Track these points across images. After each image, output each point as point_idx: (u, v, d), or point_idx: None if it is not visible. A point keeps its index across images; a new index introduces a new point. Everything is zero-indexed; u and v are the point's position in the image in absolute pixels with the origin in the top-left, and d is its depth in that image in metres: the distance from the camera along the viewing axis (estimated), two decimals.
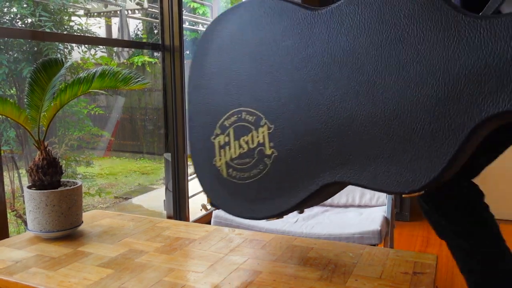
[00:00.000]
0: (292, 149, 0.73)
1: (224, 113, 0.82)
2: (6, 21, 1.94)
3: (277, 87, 0.74)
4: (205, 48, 0.85)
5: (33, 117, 1.00)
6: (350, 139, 0.66)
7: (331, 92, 0.68)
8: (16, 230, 1.95)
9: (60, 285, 0.77)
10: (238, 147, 0.80)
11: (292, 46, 0.72)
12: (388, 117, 0.62)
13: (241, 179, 0.79)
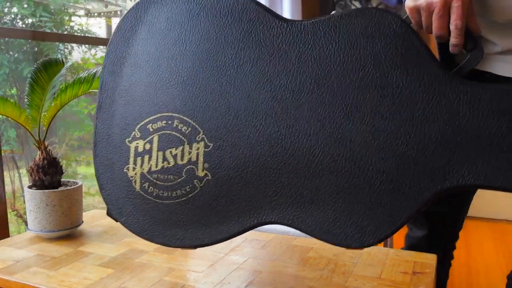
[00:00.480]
0: (231, 177, 0.61)
1: (149, 114, 0.67)
2: (6, 22, 1.94)
3: (227, 101, 0.62)
4: (137, 20, 0.67)
5: (34, 117, 1.01)
6: (303, 179, 0.58)
7: (291, 121, 0.59)
8: (17, 230, 1.95)
9: (61, 284, 0.77)
10: (162, 160, 0.66)
11: (253, 57, 0.61)
12: (349, 163, 0.56)
13: (158, 197, 0.66)
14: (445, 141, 0.53)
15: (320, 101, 0.58)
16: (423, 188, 0.53)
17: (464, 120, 0.53)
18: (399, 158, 0.54)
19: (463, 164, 0.52)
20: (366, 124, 0.55)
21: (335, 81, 0.57)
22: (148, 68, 0.67)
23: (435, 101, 0.54)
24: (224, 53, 0.62)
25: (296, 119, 0.58)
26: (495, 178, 0.50)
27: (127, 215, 0.67)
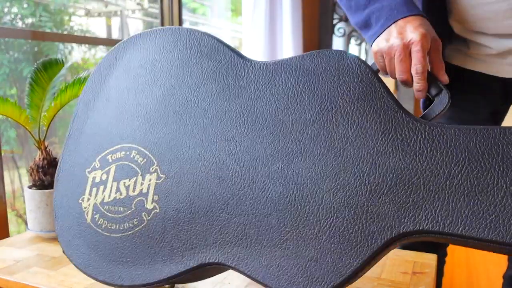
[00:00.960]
0: (179, 211, 0.59)
1: (111, 145, 0.68)
2: (6, 22, 1.94)
3: (183, 135, 0.62)
4: (115, 59, 0.72)
5: (34, 117, 1.01)
6: (250, 217, 0.55)
7: (243, 157, 0.58)
8: (17, 229, 1.95)
9: (61, 284, 0.77)
10: (115, 191, 0.65)
11: (214, 93, 0.62)
12: (299, 202, 0.53)
13: (107, 230, 0.64)
14: (400, 182, 0.50)
15: (273, 136, 0.57)
16: (376, 232, 0.49)
17: (421, 159, 0.50)
18: (351, 198, 0.51)
19: (420, 207, 0.48)
20: (319, 161, 0.53)
21: (290, 117, 0.57)
22: (117, 102, 0.69)
23: (391, 139, 0.52)
24: (187, 88, 0.64)
25: (249, 153, 0.57)
26: (455, 225, 0.46)
27: (74, 248, 0.65)
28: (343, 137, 0.54)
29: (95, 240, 0.64)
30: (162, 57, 0.67)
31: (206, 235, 0.57)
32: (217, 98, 0.62)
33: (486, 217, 0.45)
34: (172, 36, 0.67)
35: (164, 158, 0.63)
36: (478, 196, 0.47)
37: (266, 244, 0.53)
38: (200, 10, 2.91)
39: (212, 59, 0.64)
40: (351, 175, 0.52)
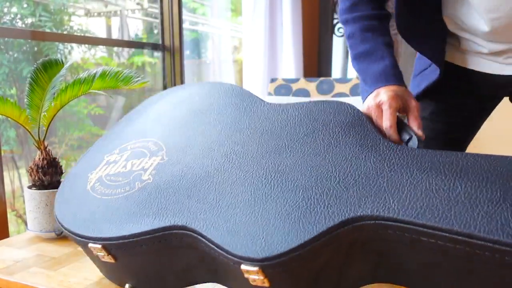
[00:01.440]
0: (168, 183, 0.69)
1: (134, 139, 0.82)
2: (6, 21, 1.94)
3: (193, 138, 0.76)
4: (160, 96, 0.92)
5: (34, 117, 1.01)
6: (227, 193, 0.65)
7: (237, 154, 0.71)
8: (16, 230, 1.95)
9: (61, 284, 0.77)
10: (122, 167, 0.76)
11: (229, 121, 0.78)
12: (275, 183, 0.64)
13: (100, 194, 0.73)
14: (365, 177, 0.61)
15: (268, 138, 0.71)
16: (335, 212, 0.57)
17: (389, 165, 0.63)
18: (320, 181, 0.62)
19: (380, 197, 0.58)
20: (301, 157, 0.67)
21: (286, 129, 0.72)
22: (153, 115, 0.87)
23: (366, 150, 0.66)
24: (211, 113, 0.80)
25: (243, 152, 0.71)
26: (409, 213, 0.55)
27: (65, 209, 0.74)
28: (326, 145, 0.68)
29: (87, 202, 0.73)
30: (198, 93, 0.86)
31: (184, 204, 0.65)
32: (229, 125, 0.77)
33: (439, 209, 0.54)
34: (208, 85, 0.88)
35: (173, 148, 0.76)
36: (434, 193, 0.57)
37: (235, 214, 0.61)
38: (200, 10, 2.91)
39: (237, 98, 0.82)
40: (324, 168, 0.64)
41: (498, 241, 0.49)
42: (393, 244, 0.57)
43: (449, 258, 0.54)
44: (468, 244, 0.51)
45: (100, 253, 0.68)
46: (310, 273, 0.58)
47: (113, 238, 0.66)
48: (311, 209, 0.58)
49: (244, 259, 0.55)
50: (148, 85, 1.06)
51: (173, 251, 0.66)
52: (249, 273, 0.55)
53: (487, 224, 0.51)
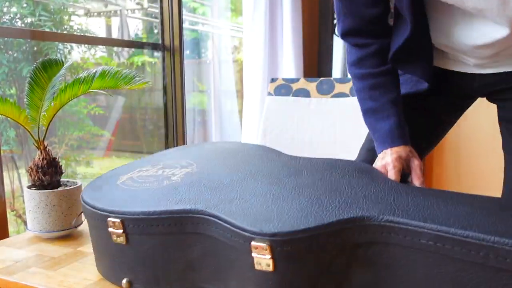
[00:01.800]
0: (194, 182, 0.78)
1: (168, 160, 0.92)
2: (5, 21, 1.94)
3: (220, 165, 0.86)
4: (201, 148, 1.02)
5: (33, 117, 1.00)
6: (245, 193, 0.73)
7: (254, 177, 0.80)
8: (16, 230, 1.95)
9: (60, 285, 0.77)
10: (154, 172, 0.86)
11: (255, 158, 0.88)
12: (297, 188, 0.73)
13: (128, 186, 0.80)
14: (375, 197, 0.68)
15: (287, 172, 0.80)
16: (344, 210, 0.64)
17: (394, 192, 0.70)
18: (334, 193, 0.70)
19: (385, 203, 0.65)
20: (319, 179, 0.75)
21: (307, 169, 0.80)
22: (180, 153, 0.97)
23: (378, 182, 0.75)
24: (237, 154, 0.91)
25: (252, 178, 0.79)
26: (407, 217, 0.61)
27: (93, 195, 0.79)
28: (341, 176, 0.77)
29: (114, 190, 0.80)
30: (225, 145, 1.00)
31: (206, 196, 0.72)
32: (258, 159, 0.87)
33: (439, 217, 0.61)
34: (235, 142, 1.03)
35: (202, 165, 0.86)
36: (435, 209, 0.63)
37: (252, 205, 0.67)
38: (200, 10, 2.91)
39: (264, 152, 0.92)
40: (338, 187, 0.72)
41: (488, 239, 0.54)
42: (396, 250, 0.61)
43: (447, 264, 0.57)
44: (464, 244, 0.55)
45: (115, 230, 0.72)
46: (314, 268, 0.61)
47: (133, 213, 0.71)
48: (323, 207, 0.64)
49: (256, 234, 0.59)
50: (148, 85, 1.06)
51: (182, 241, 0.70)
52: (257, 251, 0.59)
53: (477, 227, 0.57)
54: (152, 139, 2.67)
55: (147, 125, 2.68)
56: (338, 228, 0.60)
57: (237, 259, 0.64)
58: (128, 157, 2.92)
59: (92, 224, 0.78)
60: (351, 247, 0.62)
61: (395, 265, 0.62)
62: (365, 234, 0.61)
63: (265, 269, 0.59)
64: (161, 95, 2.28)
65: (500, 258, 0.53)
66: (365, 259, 0.63)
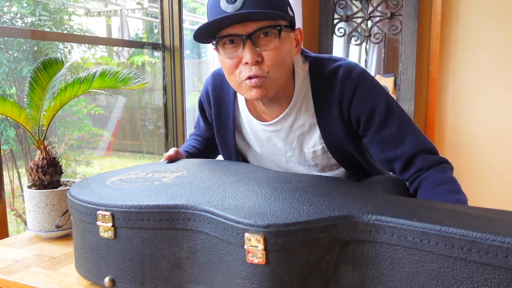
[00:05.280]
0: (184, 183, 0.80)
1: (157, 167, 0.95)
2: (6, 21, 1.94)
3: (212, 176, 0.86)
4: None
5: (33, 116, 1.00)
6: (234, 194, 0.76)
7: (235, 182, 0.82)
8: (16, 229, 1.95)
9: (60, 284, 0.77)
10: (144, 175, 0.87)
11: (244, 168, 0.93)
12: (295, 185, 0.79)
13: (119, 185, 0.82)
14: (363, 199, 0.72)
15: (277, 179, 0.84)
16: (331, 210, 0.66)
17: (380, 197, 0.74)
18: (324, 195, 0.74)
19: (377, 206, 0.68)
20: (309, 185, 0.79)
21: (297, 177, 0.86)
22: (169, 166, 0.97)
23: (365, 189, 0.80)
24: (227, 167, 0.95)
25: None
26: (394, 216, 0.64)
27: (81, 192, 0.79)
28: (330, 183, 0.82)
29: (104, 188, 0.80)
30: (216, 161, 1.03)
31: (198, 195, 0.74)
32: (247, 169, 0.93)
33: (423, 216, 0.63)
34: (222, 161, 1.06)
35: (192, 171, 0.89)
36: (420, 209, 0.67)
37: (245, 202, 0.70)
38: (200, 10, 2.91)
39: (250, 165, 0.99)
40: (328, 190, 0.77)
41: (470, 235, 0.57)
42: (383, 249, 0.63)
43: (432, 261, 0.60)
44: (448, 240, 0.58)
45: (104, 223, 0.72)
46: (305, 263, 0.62)
47: (124, 206, 0.72)
48: (314, 206, 0.67)
49: (250, 226, 0.61)
50: (148, 85, 1.06)
51: (172, 237, 0.71)
52: (250, 242, 0.61)
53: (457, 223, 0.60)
54: (152, 139, 2.67)
55: (147, 125, 2.68)
56: (329, 224, 0.62)
57: (228, 253, 0.65)
58: (128, 157, 2.92)
59: (78, 219, 0.77)
60: (340, 245, 0.64)
61: (382, 263, 0.63)
62: (354, 232, 0.64)
63: (257, 261, 0.61)
64: (161, 95, 2.28)
65: (482, 253, 0.55)
66: (353, 258, 0.64)
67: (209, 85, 1.06)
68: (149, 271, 0.72)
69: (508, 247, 0.53)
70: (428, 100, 2.64)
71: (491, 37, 2.46)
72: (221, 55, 0.88)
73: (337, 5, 2.80)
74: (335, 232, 0.63)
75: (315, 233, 0.62)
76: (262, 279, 0.61)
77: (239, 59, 0.86)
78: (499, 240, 0.54)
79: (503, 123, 2.45)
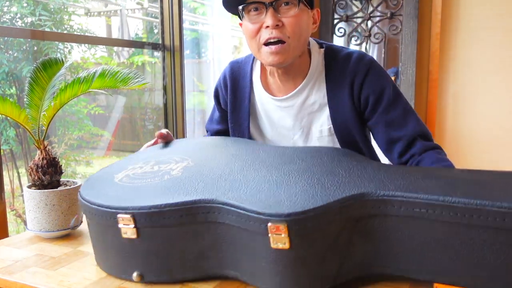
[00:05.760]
0: (195, 174, 0.81)
1: (155, 157, 0.94)
2: (6, 20, 1.94)
3: (212, 157, 0.89)
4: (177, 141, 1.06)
5: (33, 116, 1.00)
6: (244, 183, 0.77)
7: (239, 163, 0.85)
8: (16, 229, 1.95)
9: (60, 284, 0.77)
10: (149, 168, 0.87)
11: (243, 148, 0.94)
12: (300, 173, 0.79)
13: (129, 183, 0.82)
14: (368, 175, 0.76)
15: (281, 160, 0.85)
16: (345, 188, 0.71)
17: (383, 171, 0.78)
18: (331, 174, 0.77)
19: (383, 183, 0.72)
20: (312, 164, 0.82)
21: (297, 154, 0.87)
22: (166, 149, 0.99)
23: (367, 163, 0.82)
24: (224, 146, 0.96)
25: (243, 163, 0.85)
26: (400, 191, 0.69)
27: (94, 194, 0.80)
28: (330, 159, 0.83)
29: (115, 188, 0.80)
30: (207, 140, 1.05)
31: (212, 187, 0.75)
32: (245, 149, 0.93)
33: (426, 189, 0.68)
34: (216, 137, 1.07)
35: (197, 159, 0.89)
36: (421, 182, 0.71)
37: (260, 192, 0.72)
38: (200, 10, 2.91)
39: (242, 141, 1.00)
40: (333, 168, 0.79)
41: (472, 202, 0.64)
42: (392, 221, 0.68)
43: (437, 228, 0.66)
44: (451, 209, 0.64)
45: (126, 225, 0.73)
46: (322, 243, 0.68)
47: (144, 207, 0.72)
48: (326, 188, 0.71)
49: (272, 216, 0.65)
50: (148, 85, 1.06)
51: (194, 230, 0.73)
52: (274, 231, 0.65)
53: (458, 193, 0.66)
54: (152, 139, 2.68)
55: (147, 125, 2.68)
56: (343, 205, 0.67)
57: (252, 240, 0.68)
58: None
59: (96, 222, 0.78)
60: (353, 221, 0.69)
61: (392, 235, 0.69)
62: (365, 208, 0.69)
63: (281, 247, 0.65)
64: (161, 95, 2.28)
65: (482, 217, 0.63)
66: (365, 232, 0.70)
67: (227, 71, 1.15)
68: (175, 263, 0.74)
69: (505, 211, 0.61)
70: (428, 100, 2.64)
71: (491, 37, 2.46)
72: (245, 21, 0.98)
73: (337, 5, 2.80)
74: (348, 212, 0.68)
75: (331, 216, 0.67)
76: (287, 262, 0.67)
77: (261, 24, 0.95)
78: (497, 205, 0.62)
79: (503, 123, 2.45)
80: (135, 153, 1.00)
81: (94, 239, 0.81)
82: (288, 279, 0.68)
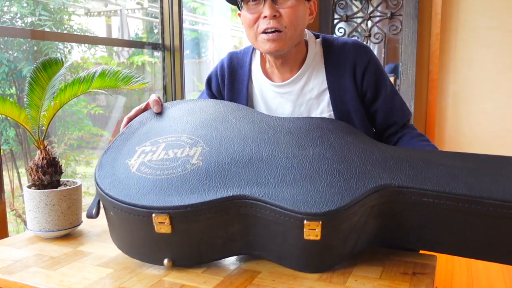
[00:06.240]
0: (220, 164, 0.83)
1: (163, 134, 0.92)
2: (6, 20, 1.94)
3: (225, 132, 0.91)
4: (175, 103, 1.06)
5: (33, 116, 1.00)
6: (275, 170, 0.82)
7: (261, 145, 0.88)
8: (16, 229, 1.95)
9: (60, 284, 0.77)
10: (164, 155, 0.86)
11: (247, 121, 0.97)
12: (315, 163, 0.84)
13: (151, 175, 0.82)
14: (379, 163, 0.85)
15: (292, 143, 0.89)
16: (365, 182, 0.80)
17: (390, 157, 0.87)
18: (347, 164, 0.84)
19: (394, 173, 0.83)
20: (324, 149, 0.88)
21: (304, 135, 0.92)
22: (167, 119, 0.98)
23: (373, 147, 0.91)
24: (228, 119, 0.97)
25: (272, 144, 0.89)
26: (411, 183, 0.81)
27: (111, 184, 0.81)
28: (339, 143, 0.91)
29: (138, 183, 0.80)
30: (204, 106, 1.03)
31: (241, 180, 0.79)
32: (251, 124, 0.95)
33: (433, 179, 0.81)
34: (208, 100, 1.07)
35: (209, 141, 0.89)
36: (429, 171, 0.83)
37: (284, 182, 0.79)
38: (200, 10, 2.91)
39: (241, 110, 1.01)
40: (346, 156, 0.87)
41: (472, 194, 0.78)
42: (403, 205, 0.80)
43: (440, 213, 0.80)
44: (454, 199, 0.78)
45: (161, 222, 0.75)
46: (347, 229, 0.77)
47: (180, 207, 0.75)
48: (347, 182, 0.79)
49: (309, 215, 0.73)
50: (148, 85, 1.06)
51: (224, 221, 0.77)
52: (310, 226, 0.72)
53: (461, 186, 0.80)
54: None
55: None
56: (364, 198, 0.77)
57: (283, 232, 0.75)
58: None
59: (123, 217, 0.78)
60: (369, 208, 0.79)
61: (398, 216, 0.82)
62: (381, 197, 0.79)
63: (313, 238, 0.73)
64: (161, 95, 2.28)
65: (479, 207, 0.77)
66: (377, 214, 0.81)
67: (225, 60, 1.17)
68: (205, 249, 0.79)
69: (499, 204, 0.76)
70: (428, 100, 2.64)
71: (491, 37, 2.46)
72: (244, 10, 1.01)
73: (337, 5, 2.79)
74: (369, 202, 0.78)
75: (356, 208, 0.76)
76: (317, 249, 0.77)
77: (259, 14, 0.98)
78: (493, 198, 0.77)
79: (504, 123, 2.45)
80: (130, 126, 0.96)
81: (118, 228, 0.82)
82: (314, 260, 0.78)
